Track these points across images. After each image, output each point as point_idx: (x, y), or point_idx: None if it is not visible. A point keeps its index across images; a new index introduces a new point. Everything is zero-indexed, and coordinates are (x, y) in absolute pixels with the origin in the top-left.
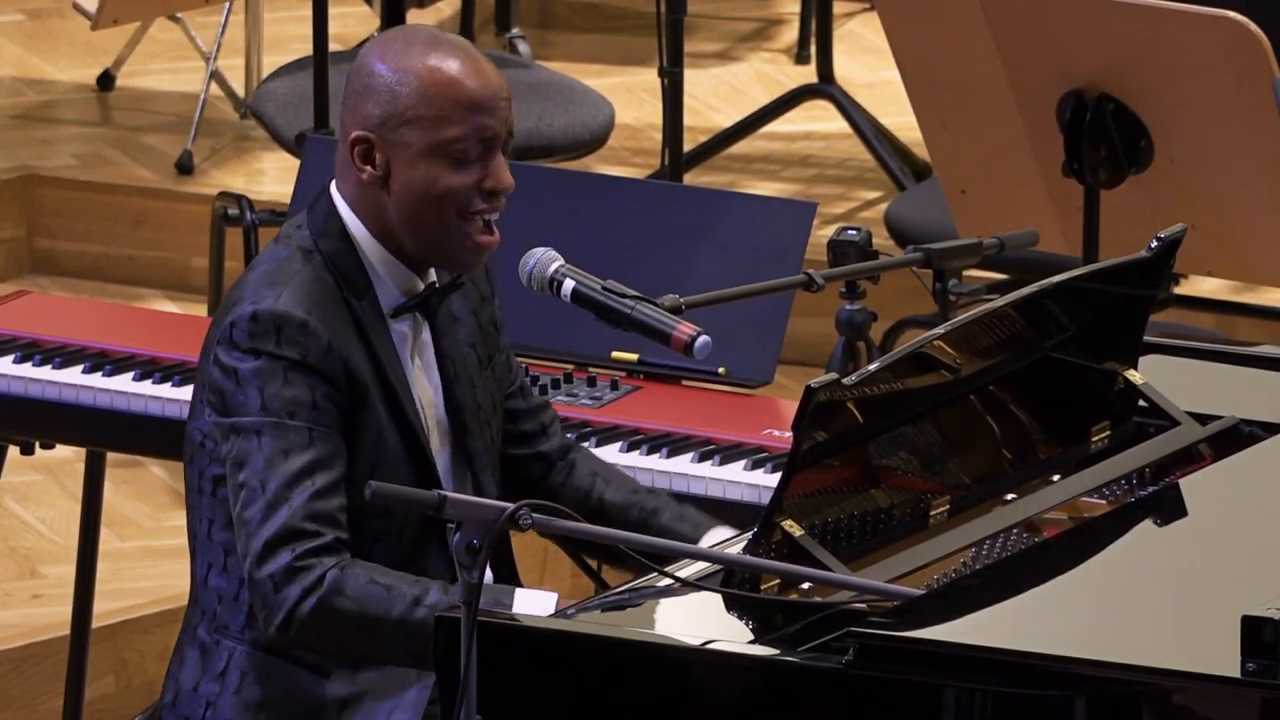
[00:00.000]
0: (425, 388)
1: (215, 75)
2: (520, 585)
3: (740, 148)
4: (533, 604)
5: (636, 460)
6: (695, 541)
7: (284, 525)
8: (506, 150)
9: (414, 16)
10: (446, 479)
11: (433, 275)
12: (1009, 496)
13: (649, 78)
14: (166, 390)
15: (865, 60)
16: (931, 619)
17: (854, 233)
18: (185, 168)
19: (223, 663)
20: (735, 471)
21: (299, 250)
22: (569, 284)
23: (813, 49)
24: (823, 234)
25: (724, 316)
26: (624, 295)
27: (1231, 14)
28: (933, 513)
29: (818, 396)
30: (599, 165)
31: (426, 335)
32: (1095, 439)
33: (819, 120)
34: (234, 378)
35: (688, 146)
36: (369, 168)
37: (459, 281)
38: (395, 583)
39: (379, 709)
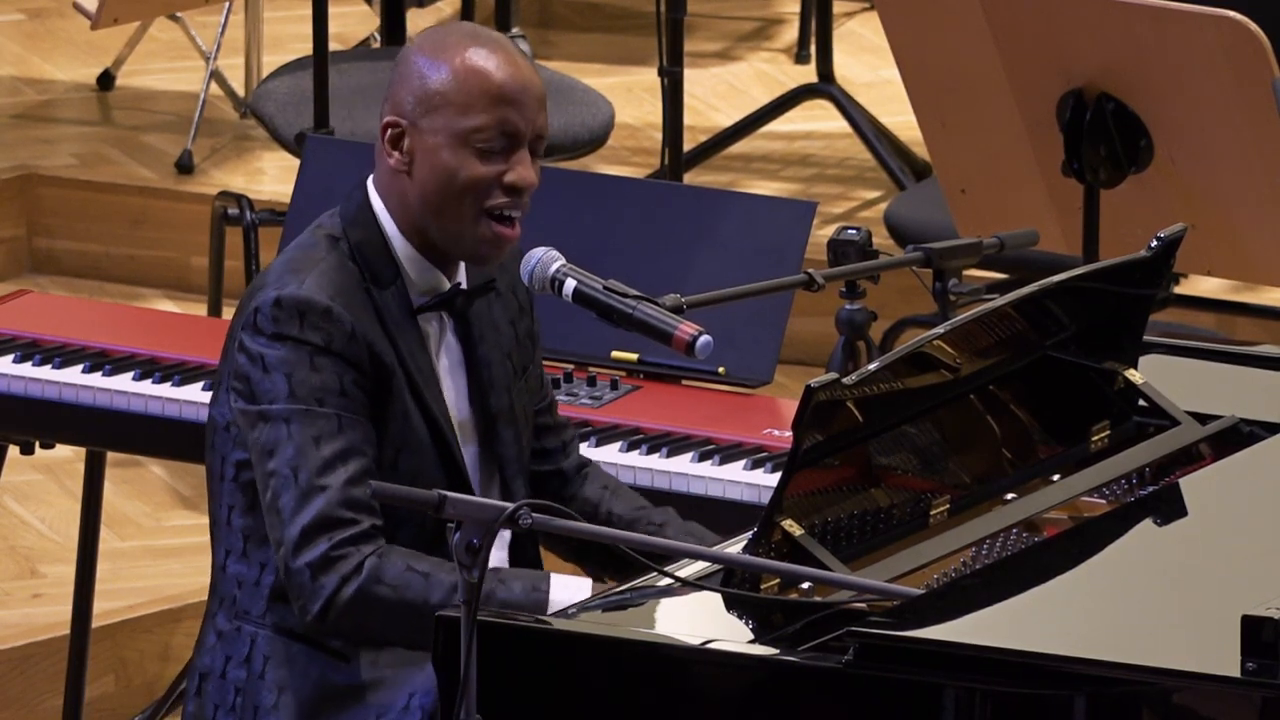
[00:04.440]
0: (450, 387)
1: (215, 75)
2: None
3: (740, 147)
4: (569, 589)
5: (636, 460)
6: None
7: (320, 513)
8: (536, 151)
9: (414, 16)
10: (474, 481)
11: (460, 276)
12: (1009, 496)
13: (649, 77)
14: (166, 390)
15: (865, 60)
16: (931, 619)
17: (854, 232)
18: (185, 167)
19: (246, 648)
20: (735, 471)
21: (326, 238)
22: (570, 283)
23: (813, 48)
24: (823, 233)
25: (724, 316)
26: (625, 295)
27: (1231, 14)
28: (933, 512)
29: (818, 396)
30: (599, 165)
31: (451, 336)
32: (1095, 439)
33: (819, 120)
34: (260, 364)
35: (688, 146)
36: (396, 153)
37: (489, 286)
38: (433, 570)
39: (400, 691)
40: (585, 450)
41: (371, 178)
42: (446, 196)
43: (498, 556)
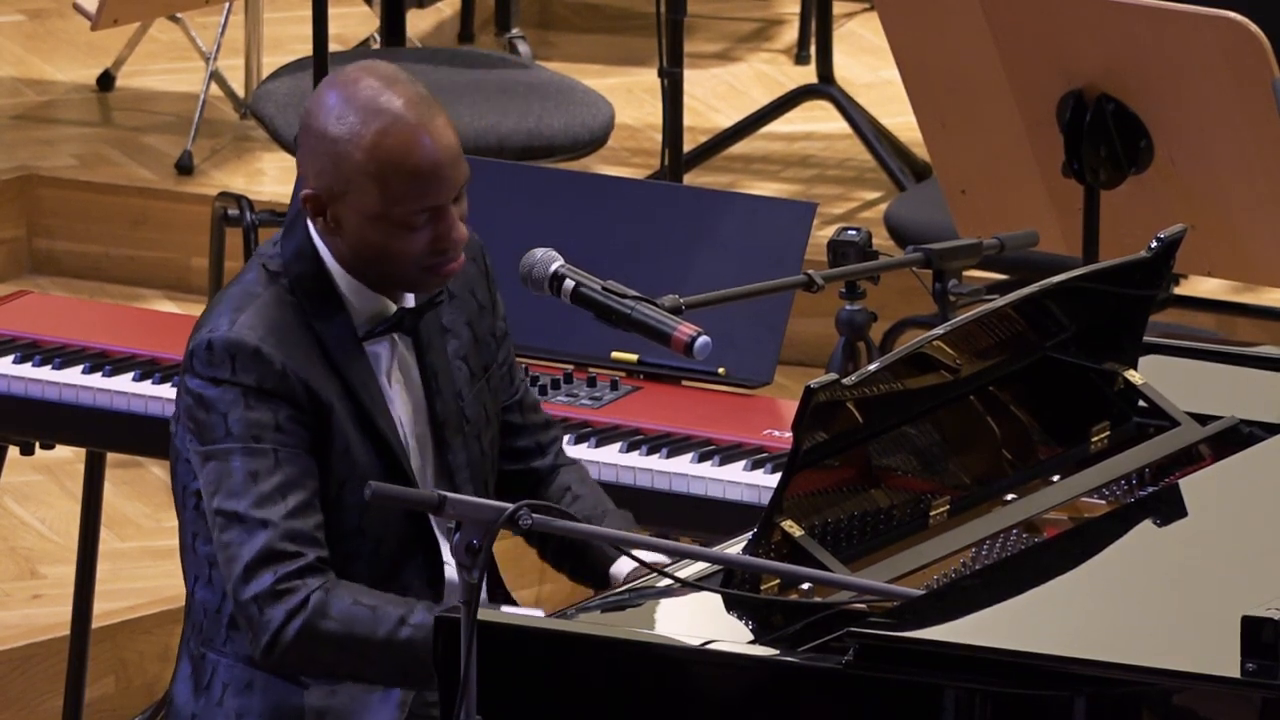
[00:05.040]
0: (405, 404)
1: (215, 75)
2: (506, 592)
3: (740, 148)
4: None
5: (636, 460)
6: (611, 561)
7: (263, 547)
8: (460, 200)
9: (414, 17)
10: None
11: (406, 299)
12: (1009, 497)
13: (649, 78)
14: (166, 390)
15: (865, 60)
16: (931, 619)
17: (854, 233)
18: (185, 168)
19: (208, 676)
20: (735, 472)
21: (265, 272)
22: (569, 284)
23: (813, 49)
24: (823, 234)
25: (724, 317)
26: (624, 295)
27: (1231, 14)
28: (933, 513)
29: (818, 397)
30: (599, 165)
31: (405, 350)
32: (1095, 439)
33: (819, 120)
34: (203, 405)
35: (688, 147)
36: (321, 219)
37: (436, 301)
38: (380, 603)
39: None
40: (585, 451)
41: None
42: (380, 263)
43: None
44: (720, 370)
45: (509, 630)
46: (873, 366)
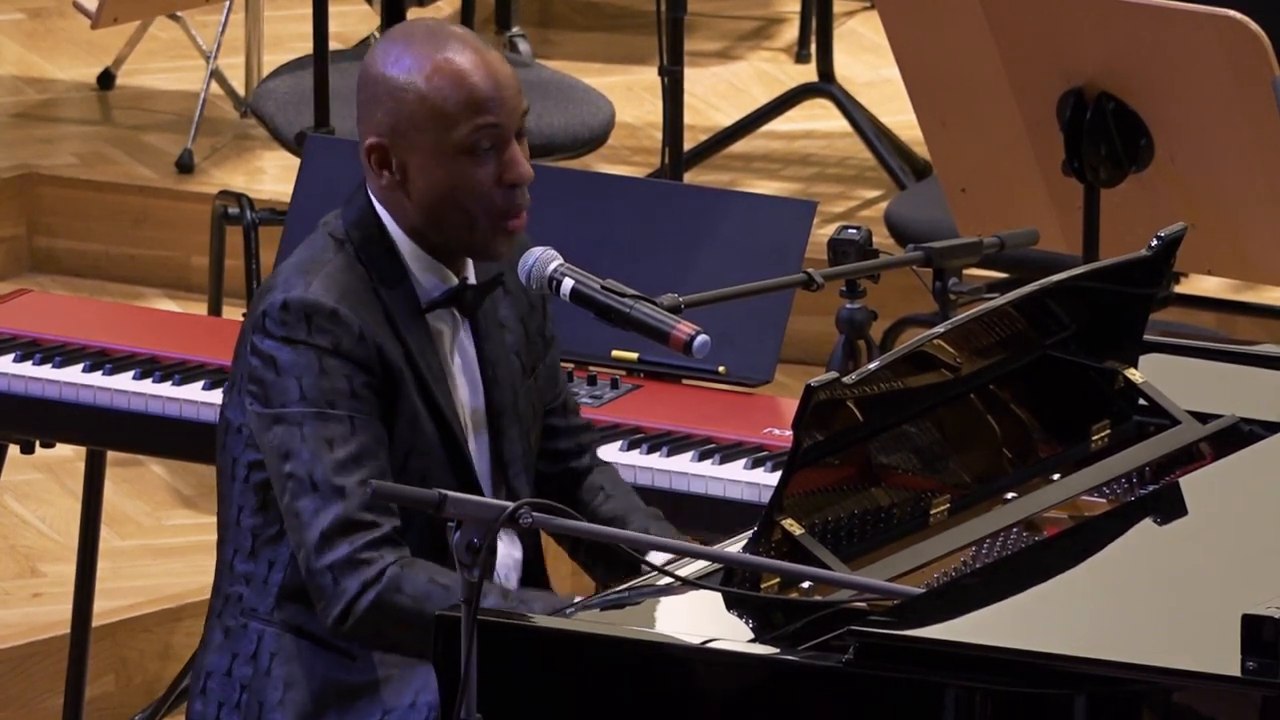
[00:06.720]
0: (462, 385)
1: (215, 74)
2: (549, 587)
3: (740, 146)
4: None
5: (636, 459)
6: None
7: (340, 516)
8: (523, 138)
9: (414, 15)
10: (484, 479)
11: (467, 271)
12: (1009, 495)
13: (649, 76)
14: (166, 389)
15: (865, 59)
16: (932, 618)
17: (854, 231)
18: (185, 166)
19: (253, 646)
20: (735, 470)
21: (331, 239)
22: (568, 283)
23: (813, 48)
24: (823, 233)
25: (724, 315)
26: (623, 294)
27: (1231, 13)
28: (933, 511)
29: (818, 395)
30: (599, 164)
31: (465, 334)
32: (1095, 438)
33: (819, 119)
34: (273, 367)
35: (688, 145)
36: (386, 172)
37: (497, 280)
38: (454, 584)
39: (406, 689)
40: None
41: (368, 184)
42: (447, 207)
43: (514, 558)
44: (720, 369)
45: (509, 629)
46: (873, 365)
